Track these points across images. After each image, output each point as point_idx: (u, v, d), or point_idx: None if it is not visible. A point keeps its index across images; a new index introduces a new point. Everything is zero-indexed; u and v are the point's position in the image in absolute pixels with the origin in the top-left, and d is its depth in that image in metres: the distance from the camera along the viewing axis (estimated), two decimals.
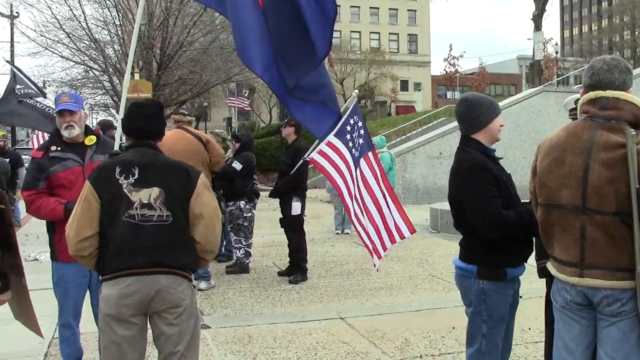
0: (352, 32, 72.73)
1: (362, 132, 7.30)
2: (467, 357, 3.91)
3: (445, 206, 11.93)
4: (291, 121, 8.94)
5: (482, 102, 3.87)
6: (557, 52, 69.39)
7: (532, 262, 3.89)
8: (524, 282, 3.96)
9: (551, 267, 3.31)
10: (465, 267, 3.79)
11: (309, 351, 5.77)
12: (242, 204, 9.07)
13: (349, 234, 13.27)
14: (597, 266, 3.03)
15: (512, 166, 17.22)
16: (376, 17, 76.63)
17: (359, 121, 7.26)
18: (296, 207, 8.79)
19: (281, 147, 22.09)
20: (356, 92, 7.90)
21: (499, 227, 3.57)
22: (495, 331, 3.76)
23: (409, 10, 77.64)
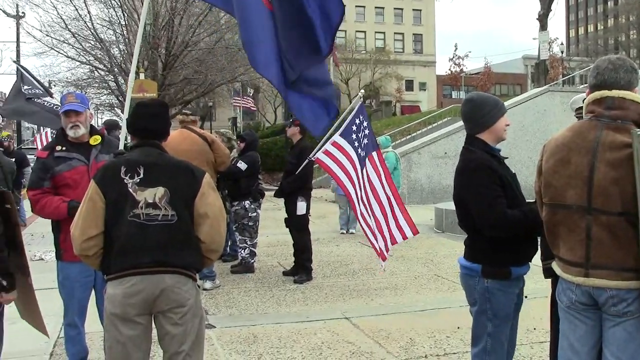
0: (357, 31, 72.70)
1: (367, 132, 7.31)
2: (472, 356, 3.90)
3: (450, 206, 11.90)
4: (296, 121, 8.93)
5: (487, 102, 3.87)
6: (562, 52, 69.24)
7: (537, 262, 3.89)
8: (529, 282, 3.96)
9: (556, 267, 3.30)
10: (470, 266, 3.79)
11: (313, 351, 5.77)
12: (247, 203, 9.08)
13: (353, 233, 13.27)
14: (603, 266, 3.02)
15: (517, 166, 17.21)
16: (381, 16, 76.55)
17: (364, 121, 7.27)
18: (301, 207, 8.79)
19: (286, 146, 22.07)
20: (362, 92, 7.90)
21: (503, 226, 3.58)
22: (500, 330, 3.76)
23: (414, 10, 77.52)
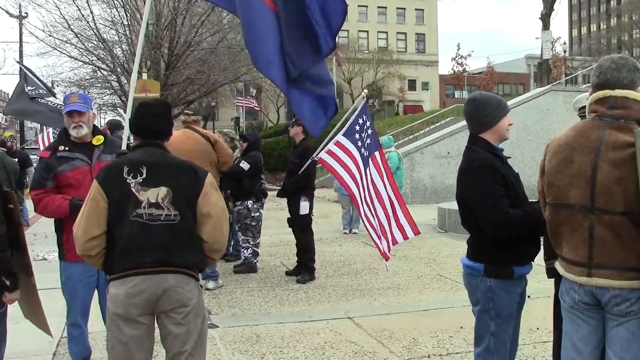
0: (360, 31, 72.64)
1: (370, 132, 7.32)
2: (475, 355, 3.90)
3: (453, 206, 11.92)
4: (299, 121, 8.92)
5: (490, 102, 3.88)
6: (565, 51, 69.17)
7: (540, 262, 3.88)
8: (533, 282, 3.95)
9: (559, 266, 3.30)
10: (472, 265, 3.80)
11: (316, 350, 5.77)
12: (250, 203, 9.08)
13: (356, 233, 13.27)
14: (606, 266, 3.02)
15: (520, 165, 17.17)
16: (384, 16, 76.51)
17: (367, 121, 7.29)
18: (304, 207, 8.79)
19: (289, 146, 22.09)
20: (365, 92, 7.91)
21: (506, 226, 3.58)
22: (503, 329, 3.76)
23: (416, 9, 77.48)
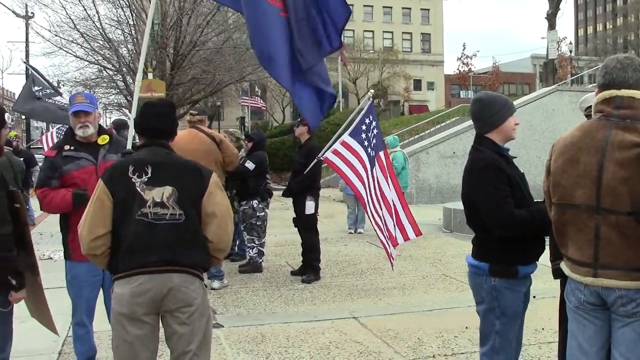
0: (365, 31, 72.66)
1: (376, 132, 7.33)
2: (480, 355, 3.90)
3: (458, 205, 11.89)
4: (304, 120, 8.93)
5: (496, 101, 3.88)
6: (571, 51, 68.98)
7: (546, 262, 3.88)
8: (538, 282, 3.95)
9: (565, 267, 3.29)
10: (477, 264, 3.80)
11: (321, 350, 5.77)
12: (255, 203, 9.08)
13: (362, 233, 13.27)
14: (612, 266, 3.01)
15: (526, 165, 17.16)
16: (389, 16, 76.47)
17: (373, 121, 7.29)
18: (310, 207, 8.79)
19: (294, 146, 22.10)
20: (372, 92, 7.91)
21: (511, 226, 3.60)
22: (508, 328, 3.77)
23: (422, 9, 77.42)
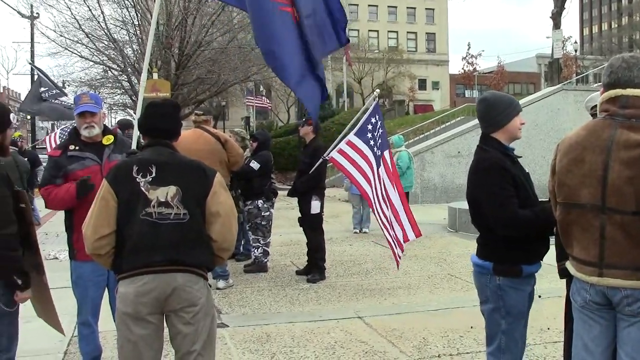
0: (370, 31, 72.65)
1: (382, 132, 7.33)
2: (487, 354, 3.90)
3: (463, 205, 11.87)
4: (309, 120, 8.95)
5: (502, 101, 3.89)
6: (576, 50, 68.71)
7: (551, 262, 3.87)
8: (544, 282, 3.94)
9: (570, 266, 3.28)
10: (481, 263, 3.81)
11: (327, 350, 5.77)
12: (260, 203, 9.08)
13: (367, 232, 13.26)
14: (617, 266, 3.00)
15: (531, 165, 17.12)
16: (394, 15, 76.44)
17: (379, 121, 7.29)
18: (315, 206, 8.78)
19: (299, 146, 22.10)
20: (377, 92, 7.90)
21: (515, 226, 3.60)
22: (514, 327, 3.77)
23: (427, 8, 77.36)
